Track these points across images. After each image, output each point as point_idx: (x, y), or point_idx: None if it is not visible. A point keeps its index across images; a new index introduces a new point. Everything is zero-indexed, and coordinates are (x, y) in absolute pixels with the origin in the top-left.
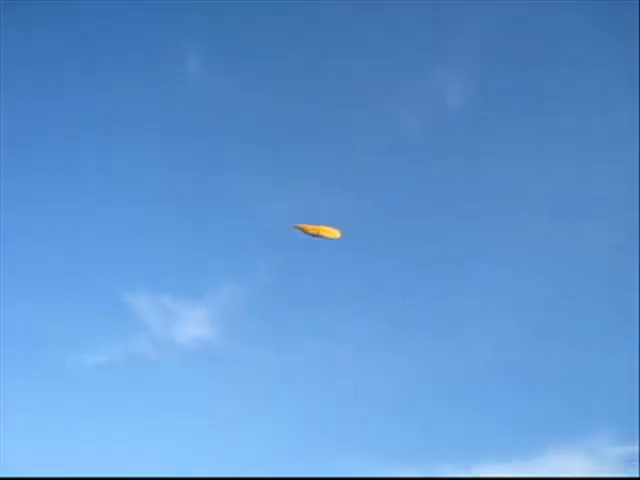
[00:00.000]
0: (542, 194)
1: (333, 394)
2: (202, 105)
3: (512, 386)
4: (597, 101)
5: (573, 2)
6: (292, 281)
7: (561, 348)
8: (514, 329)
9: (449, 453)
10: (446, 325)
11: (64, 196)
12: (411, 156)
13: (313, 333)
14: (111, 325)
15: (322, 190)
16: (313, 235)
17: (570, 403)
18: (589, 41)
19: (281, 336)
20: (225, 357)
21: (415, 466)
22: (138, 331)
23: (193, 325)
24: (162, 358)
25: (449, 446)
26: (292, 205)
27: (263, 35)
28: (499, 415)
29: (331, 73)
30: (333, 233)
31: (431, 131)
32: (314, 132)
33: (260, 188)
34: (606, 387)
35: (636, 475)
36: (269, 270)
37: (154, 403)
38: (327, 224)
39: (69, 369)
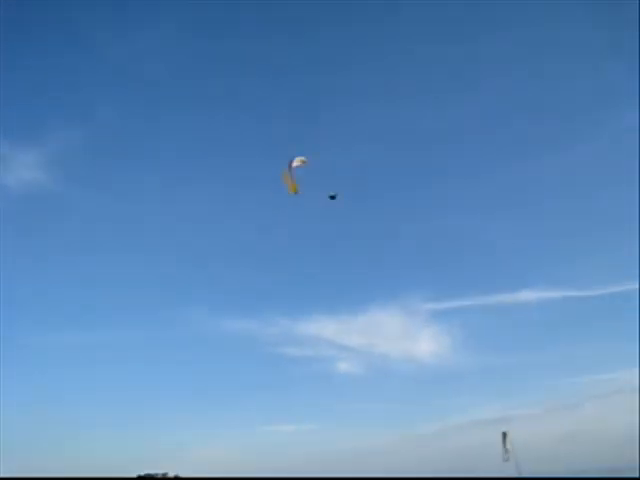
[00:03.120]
0: None
1: (171, 247)
2: None
3: (339, 247)
4: None
5: None
6: (136, 124)
7: (382, 215)
8: (346, 195)
9: (285, 307)
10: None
11: None
12: None
13: (157, 179)
14: None
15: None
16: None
17: (388, 265)
18: None
19: (122, 182)
20: (61, 203)
21: (256, 319)
22: None
23: (25, 169)
24: None
25: (284, 300)
26: (144, 43)
27: None
28: (327, 273)
29: None
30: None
31: None
32: None
33: (108, 21)
34: (419, 251)
35: None
36: (112, 111)
37: None
38: None
39: None
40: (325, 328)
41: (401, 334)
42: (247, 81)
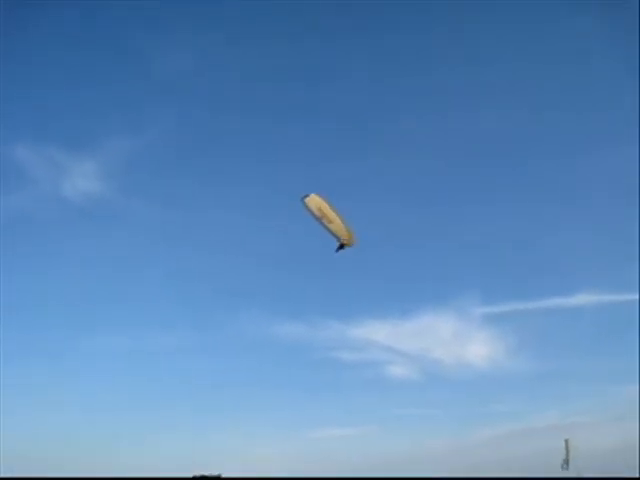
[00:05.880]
0: None
1: (224, 251)
2: None
3: (389, 250)
4: None
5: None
6: (189, 134)
7: (433, 214)
8: (393, 198)
9: (334, 310)
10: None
11: None
12: None
13: (208, 190)
14: None
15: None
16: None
17: (440, 267)
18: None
19: (175, 192)
20: (118, 213)
21: (304, 321)
22: (21, 186)
23: (83, 179)
24: (49, 215)
25: (334, 304)
26: (195, 55)
27: None
28: (377, 277)
29: None
30: (343, 232)
31: None
32: None
33: (157, 35)
34: (471, 253)
35: None
36: (164, 122)
37: (41, 261)
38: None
39: None
40: (377, 332)
41: (454, 339)
42: (300, 89)
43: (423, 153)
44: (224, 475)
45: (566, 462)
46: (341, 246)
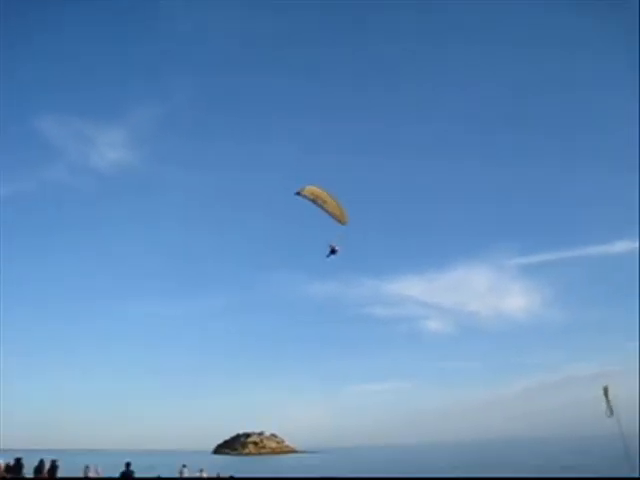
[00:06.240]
0: None
1: (256, 211)
2: None
3: (422, 205)
4: None
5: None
6: (211, 99)
7: (468, 168)
8: (422, 155)
9: (369, 267)
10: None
11: None
12: None
13: (238, 151)
14: (20, 152)
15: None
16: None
17: (474, 219)
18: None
19: (202, 156)
20: (147, 181)
21: (338, 279)
22: (51, 157)
23: (110, 149)
24: (79, 185)
25: (369, 261)
26: (215, 22)
27: None
28: (412, 232)
29: None
30: (336, 210)
31: None
32: None
33: (181, 9)
34: (505, 203)
35: None
36: (188, 87)
37: (73, 231)
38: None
39: None
40: (412, 287)
41: (489, 291)
42: (317, 52)
43: (460, 115)
44: (267, 433)
45: (609, 409)
46: (332, 251)
